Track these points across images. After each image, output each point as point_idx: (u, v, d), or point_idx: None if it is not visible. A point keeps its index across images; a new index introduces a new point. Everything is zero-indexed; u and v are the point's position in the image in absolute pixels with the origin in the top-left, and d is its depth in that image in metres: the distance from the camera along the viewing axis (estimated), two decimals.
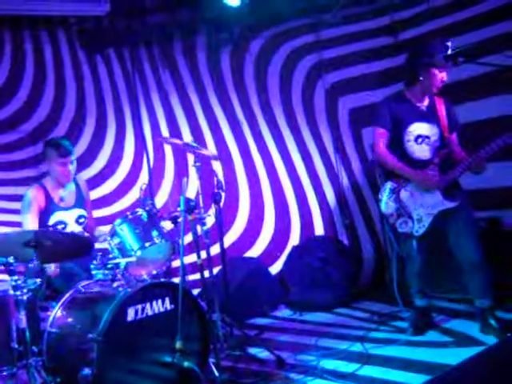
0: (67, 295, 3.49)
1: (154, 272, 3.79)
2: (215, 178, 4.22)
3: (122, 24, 5.69)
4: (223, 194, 4.19)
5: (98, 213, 5.32)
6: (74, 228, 4.25)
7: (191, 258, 5.02)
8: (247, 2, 5.09)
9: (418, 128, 4.07)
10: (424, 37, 5.37)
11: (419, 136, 4.08)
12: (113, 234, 3.73)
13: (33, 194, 4.19)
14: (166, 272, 3.86)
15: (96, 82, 5.83)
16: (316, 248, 5.59)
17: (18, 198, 5.36)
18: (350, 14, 5.68)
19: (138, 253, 3.60)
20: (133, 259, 3.53)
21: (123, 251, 3.65)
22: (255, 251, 5.86)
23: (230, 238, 5.75)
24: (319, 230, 5.87)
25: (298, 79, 5.85)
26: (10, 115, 5.42)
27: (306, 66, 5.83)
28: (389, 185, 4.10)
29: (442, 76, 3.99)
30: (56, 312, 3.41)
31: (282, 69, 5.87)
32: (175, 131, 6.02)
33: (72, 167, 4.23)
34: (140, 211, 3.72)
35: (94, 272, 3.74)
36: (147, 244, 3.63)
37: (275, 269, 5.79)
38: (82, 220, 4.33)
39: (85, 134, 5.70)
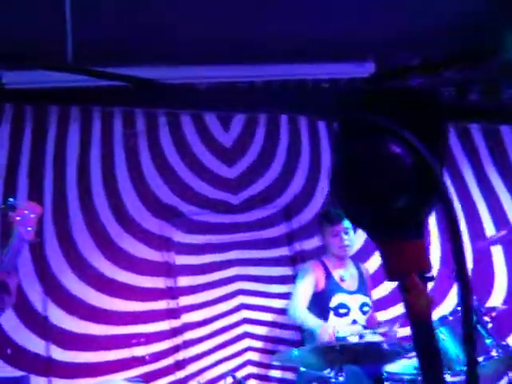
0: None
1: None
2: None
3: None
4: None
5: None
6: (357, 316, 3.73)
7: None
8: None
9: None
10: None
11: None
12: None
13: (312, 267, 3.85)
14: None
15: None
16: None
17: (269, 279, 4.83)
18: None
19: None
20: None
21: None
22: None
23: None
24: None
25: None
26: (264, 189, 5.00)
27: None
28: None
29: None
30: None
31: None
32: None
33: (347, 237, 3.79)
34: None
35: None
36: (480, 358, 2.72)
37: None
38: (366, 309, 3.78)
39: None
